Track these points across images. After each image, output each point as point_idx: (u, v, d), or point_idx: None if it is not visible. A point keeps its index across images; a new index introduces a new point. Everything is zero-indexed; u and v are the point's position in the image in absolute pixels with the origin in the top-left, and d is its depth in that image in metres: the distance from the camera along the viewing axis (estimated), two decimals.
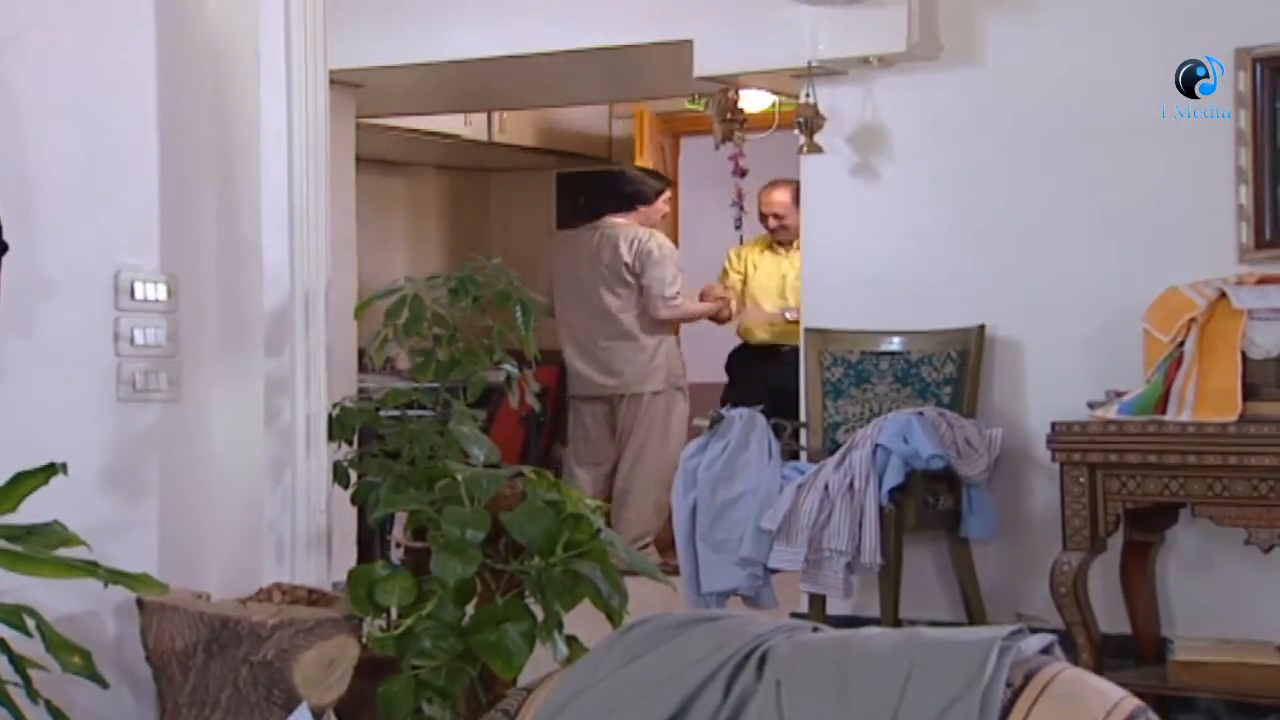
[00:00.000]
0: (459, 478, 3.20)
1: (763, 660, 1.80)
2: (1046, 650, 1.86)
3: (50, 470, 2.91)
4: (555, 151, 9.60)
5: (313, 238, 3.59)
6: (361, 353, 6.31)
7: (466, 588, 3.23)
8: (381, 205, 9.19)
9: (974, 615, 5.80)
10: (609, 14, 6.52)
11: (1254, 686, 4.92)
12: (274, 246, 3.56)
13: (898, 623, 5.64)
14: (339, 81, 7.40)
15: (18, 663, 2.92)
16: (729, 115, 6.60)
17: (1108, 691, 1.78)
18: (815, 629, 1.94)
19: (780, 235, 7.89)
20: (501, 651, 3.12)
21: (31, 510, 3.04)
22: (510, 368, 3.60)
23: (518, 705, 1.98)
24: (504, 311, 3.59)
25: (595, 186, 8.48)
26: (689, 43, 6.32)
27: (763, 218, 7.93)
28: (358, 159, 8.08)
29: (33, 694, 2.95)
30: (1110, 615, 5.42)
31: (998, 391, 5.87)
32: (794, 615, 5.93)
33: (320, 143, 3.60)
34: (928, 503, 5.59)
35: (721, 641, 1.82)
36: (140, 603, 3.27)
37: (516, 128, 9.15)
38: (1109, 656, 5.18)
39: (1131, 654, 5.36)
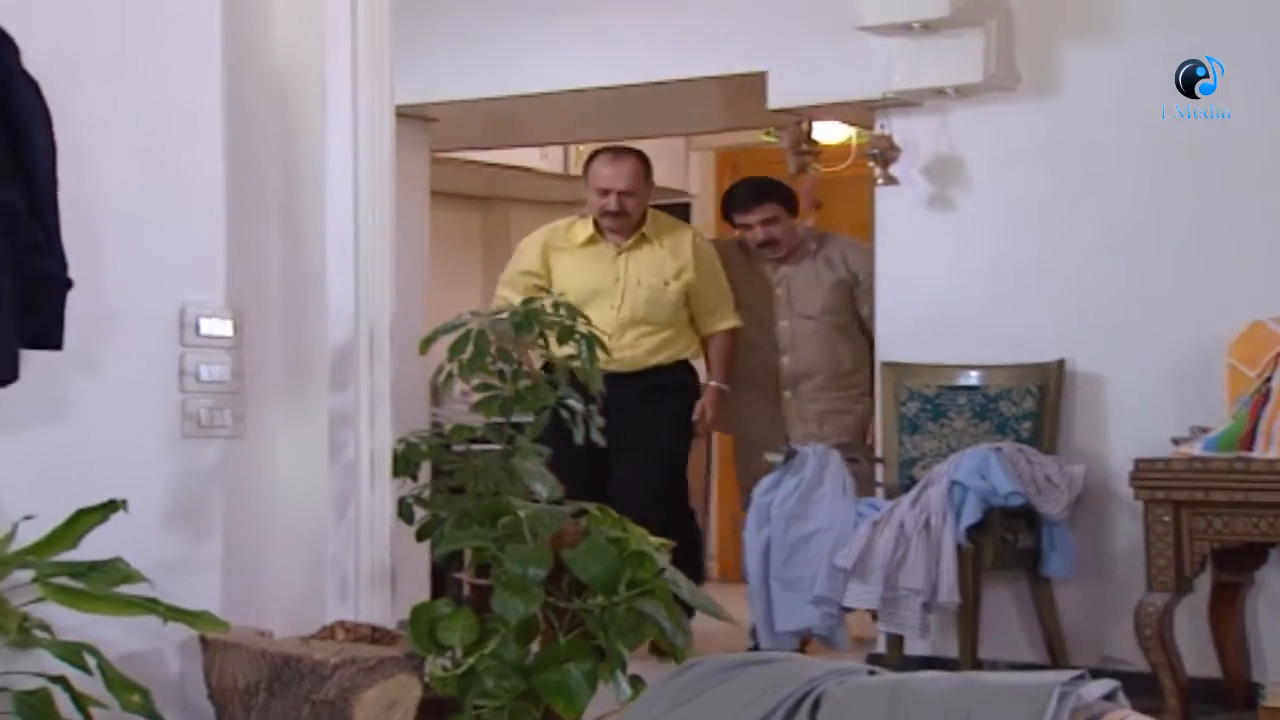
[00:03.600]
0: (521, 514, 3.20)
1: (816, 704, 1.79)
2: (1110, 696, 1.83)
3: (110, 507, 2.94)
4: None
5: (378, 272, 3.61)
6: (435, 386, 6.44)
7: (529, 626, 3.23)
8: (457, 239, 9.24)
9: (1056, 657, 5.74)
10: (683, 47, 6.53)
11: None
12: (339, 281, 3.58)
13: (977, 664, 5.59)
14: (412, 115, 7.48)
15: (79, 701, 2.95)
16: (802, 147, 6.61)
17: None
18: (871, 672, 1.93)
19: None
20: (564, 692, 3.12)
21: (96, 547, 3.09)
22: (574, 403, 3.60)
23: None
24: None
25: None
26: (763, 74, 6.33)
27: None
28: (433, 193, 8.15)
29: None
30: (1198, 658, 5.34)
31: (1079, 427, 5.82)
32: (871, 656, 5.91)
33: (385, 177, 3.63)
34: (1006, 541, 5.54)
35: (775, 684, 1.81)
36: (203, 640, 3.29)
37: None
38: (1196, 701, 5.12)
39: (1220, 699, 5.29)
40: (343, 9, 3.60)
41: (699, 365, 6.60)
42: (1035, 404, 5.78)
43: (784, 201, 6.54)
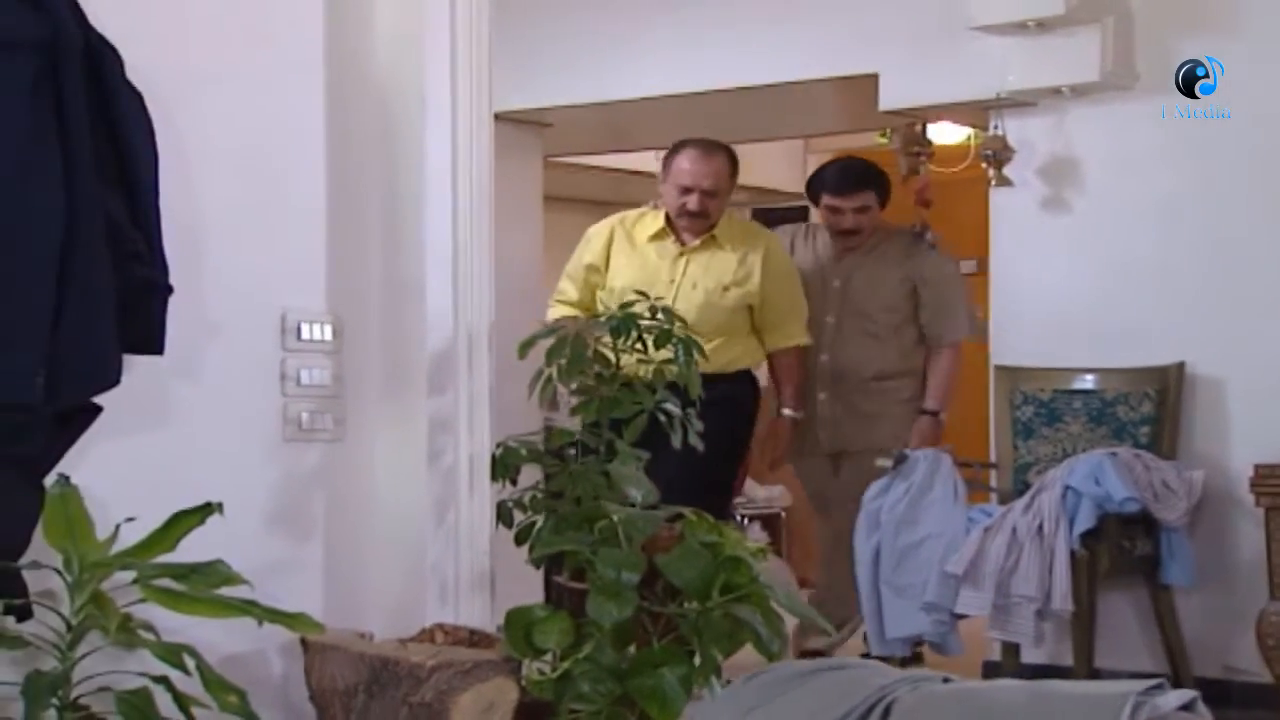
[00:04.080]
0: (615, 519, 3.24)
1: (887, 711, 1.80)
2: (1188, 706, 1.82)
3: (207, 510, 3.00)
4: (749, 188, 9.62)
5: (476, 279, 3.65)
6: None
7: (624, 630, 3.26)
8: (573, 243, 9.30)
9: (1177, 666, 5.69)
10: (794, 49, 6.54)
11: None
12: (437, 288, 3.63)
13: (1093, 673, 5.55)
14: (526, 121, 7.57)
15: (180, 701, 3.01)
16: (914, 149, 6.60)
17: None
18: (945, 679, 1.94)
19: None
20: (658, 697, 3.15)
21: (200, 550, 3.14)
22: (672, 407, 3.63)
23: None
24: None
25: None
26: (874, 76, 6.33)
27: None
28: (549, 197, 8.21)
29: None
30: None
31: (1199, 432, 5.76)
32: (987, 663, 5.88)
33: (484, 186, 3.67)
34: (1123, 548, 5.50)
35: (848, 691, 1.83)
36: (304, 642, 3.35)
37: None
38: None
39: None
40: (442, 21, 3.65)
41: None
42: (1154, 408, 5.73)
43: (880, 191, 6.21)
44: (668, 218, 5.76)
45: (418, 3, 3.66)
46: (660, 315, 3.63)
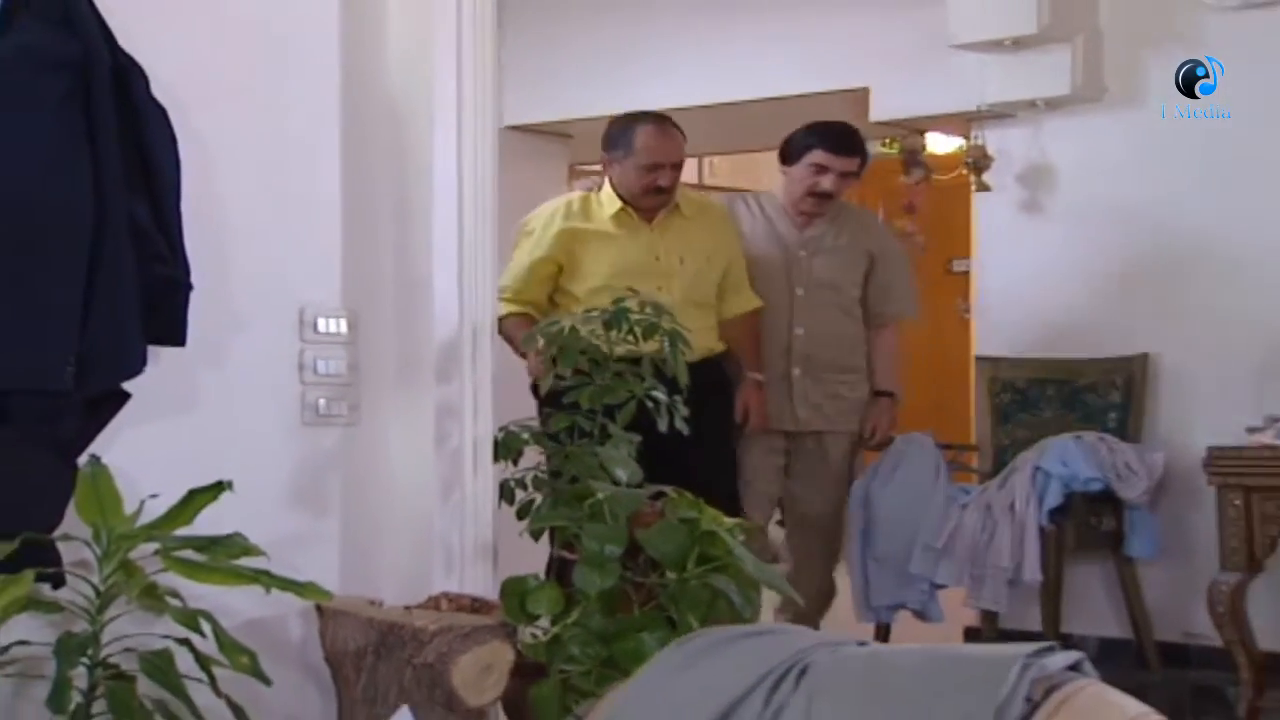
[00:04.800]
0: (601, 496, 3.23)
1: (803, 673, 1.78)
2: (1075, 667, 1.80)
3: (219, 487, 3.00)
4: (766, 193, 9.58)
5: (480, 276, 3.63)
6: None
7: (610, 598, 3.25)
8: None
9: (1140, 631, 5.68)
10: (793, 65, 6.54)
11: None
12: (444, 284, 3.61)
13: (1061, 638, 5.52)
14: (549, 133, 7.57)
15: (201, 661, 3.01)
16: (920, 158, 6.60)
17: (1127, 707, 1.72)
18: (861, 644, 1.92)
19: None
20: (639, 658, 3.11)
21: (226, 525, 3.11)
22: (659, 394, 3.62)
23: (588, 710, 1.99)
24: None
25: None
26: (866, 90, 6.31)
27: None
28: None
29: (216, 690, 3.04)
30: (1275, 635, 5.24)
31: (1162, 418, 5.73)
32: (968, 629, 5.87)
33: (488, 189, 3.65)
34: (1089, 524, 5.49)
35: (770, 654, 1.81)
36: (318, 608, 3.35)
37: (728, 170, 9.15)
38: (1277, 674, 5.01)
39: None
40: (449, 41, 3.62)
41: None
42: (1121, 396, 5.71)
43: (865, 162, 5.51)
44: (622, 197, 5.05)
45: (427, 23, 3.63)
46: (649, 309, 3.60)
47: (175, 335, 3.11)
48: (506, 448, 3.67)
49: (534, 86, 7.26)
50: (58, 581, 3.00)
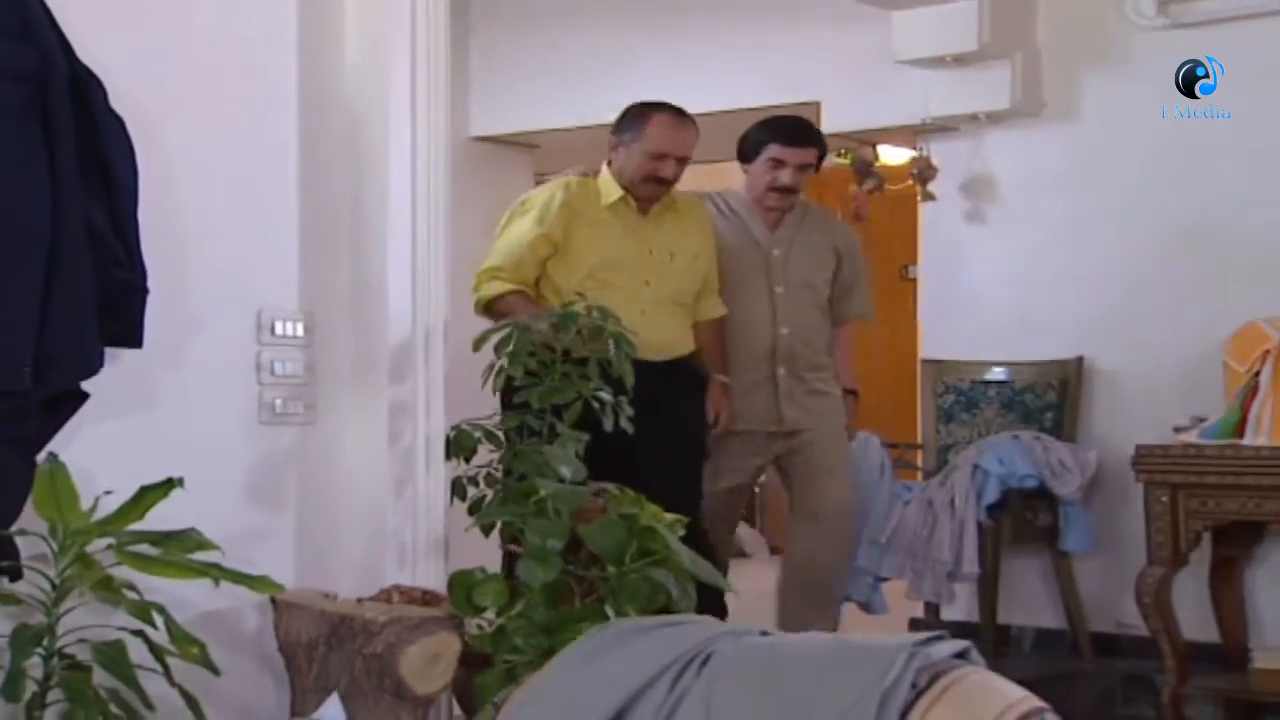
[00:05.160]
0: (544, 493, 3.20)
1: (705, 661, 1.77)
2: (962, 655, 1.78)
3: (170, 484, 2.97)
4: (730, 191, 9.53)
5: (433, 280, 3.61)
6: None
7: (554, 591, 3.23)
8: None
9: (1074, 621, 5.67)
10: (749, 79, 6.52)
11: None
12: (398, 288, 3.58)
13: (996, 627, 5.54)
14: (516, 143, 7.54)
15: (155, 650, 2.98)
16: (874, 169, 6.59)
17: (1007, 693, 1.70)
18: (764, 633, 1.90)
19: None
20: None
21: (184, 521, 3.08)
22: (605, 394, 3.59)
23: (504, 699, 1.97)
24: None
25: None
26: (818, 103, 6.30)
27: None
28: None
29: (170, 679, 3.00)
30: (1202, 626, 5.24)
31: (1095, 418, 5.74)
32: (912, 620, 5.85)
33: (440, 196, 3.63)
34: (1026, 519, 5.49)
35: (675, 643, 1.79)
36: (273, 601, 3.32)
37: (690, 179, 9.10)
38: (1199, 663, 5.01)
39: (1219, 661, 5.18)
40: (403, 54, 3.60)
41: None
42: (1057, 396, 5.70)
43: (822, 154, 5.14)
44: (623, 187, 4.65)
45: (383, 35, 3.61)
46: (596, 314, 3.58)
47: (132, 338, 3.08)
48: (458, 446, 3.64)
49: (500, 99, 7.24)
50: (15, 575, 2.96)
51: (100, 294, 2.98)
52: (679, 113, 4.75)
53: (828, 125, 6.28)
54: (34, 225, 2.90)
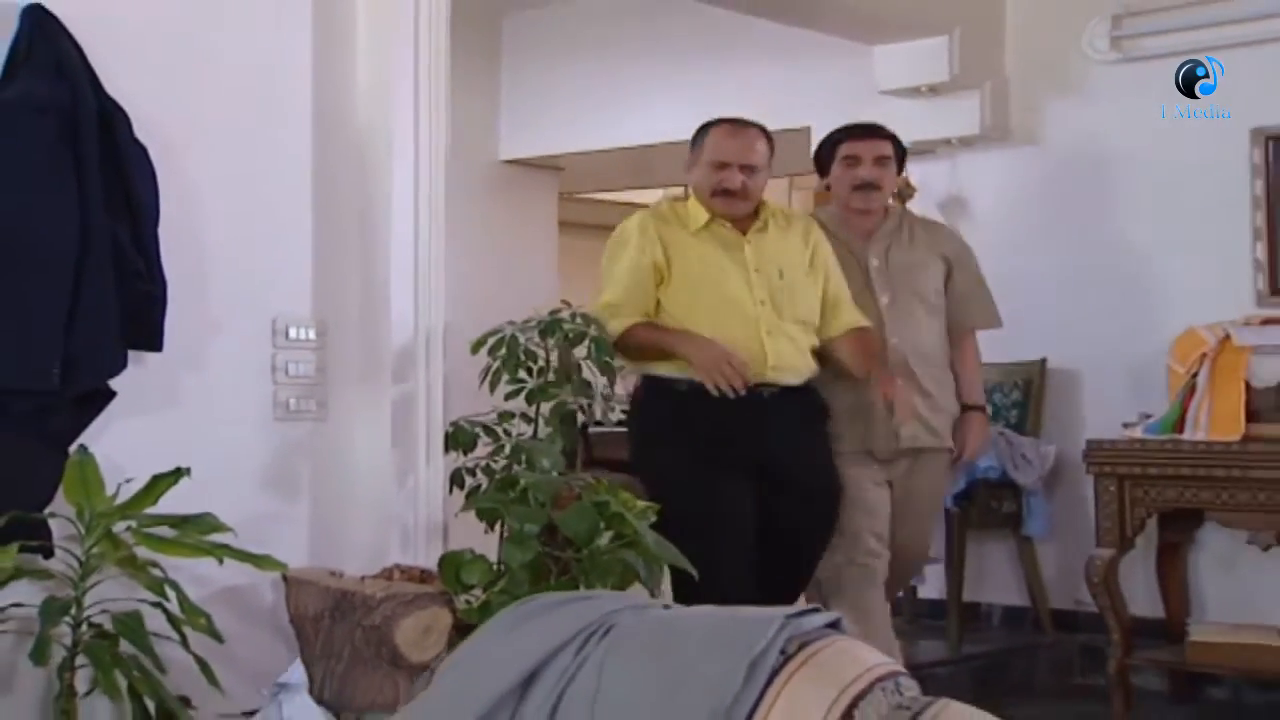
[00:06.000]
0: (523, 482, 3.20)
1: (607, 632, 1.76)
2: (834, 625, 1.76)
3: (178, 473, 2.98)
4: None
5: (433, 288, 3.61)
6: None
7: (535, 570, 3.22)
8: (593, 261, 9.24)
9: (1036, 599, 5.63)
10: (748, 106, 6.39)
11: (1259, 665, 4.67)
12: (401, 296, 3.59)
13: (965, 605, 5.50)
14: (543, 166, 7.55)
15: (173, 620, 3.00)
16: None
17: (866, 659, 1.68)
18: (666, 606, 1.89)
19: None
20: None
21: (206, 507, 3.10)
22: (583, 399, 3.58)
23: (438, 661, 1.97)
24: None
25: None
26: (808, 128, 6.27)
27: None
28: (576, 224, 8.18)
29: (186, 646, 3.02)
30: (1150, 603, 5.20)
31: (1056, 414, 5.68)
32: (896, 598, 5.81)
33: (439, 212, 3.62)
34: (991, 507, 5.44)
35: (582, 616, 1.78)
36: (284, 578, 3.33)
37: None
38: (1145, 636, 4.97)
39: (1164, 635, 5.13)
40: (407, 84, 3.61)
41: None
42: (1021, 395, 5.65)
43: (897, 148, 4.49)
44: (708, 208, 4.05)
45: (388, 67, 3.61)
46: (579, 319, 3.57)
47: (153, 342, 3.10)
48: (456, 440, 3.63)
49: (527, 125, 7.25)
50: (47, 553, 2.99)
51: (123, 304, 3.01)
52: (736, 121, 4.16)
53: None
54: (63, 242, 2.93)
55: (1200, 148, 5.24)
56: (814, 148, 6.16)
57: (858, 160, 4.40)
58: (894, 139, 4.48)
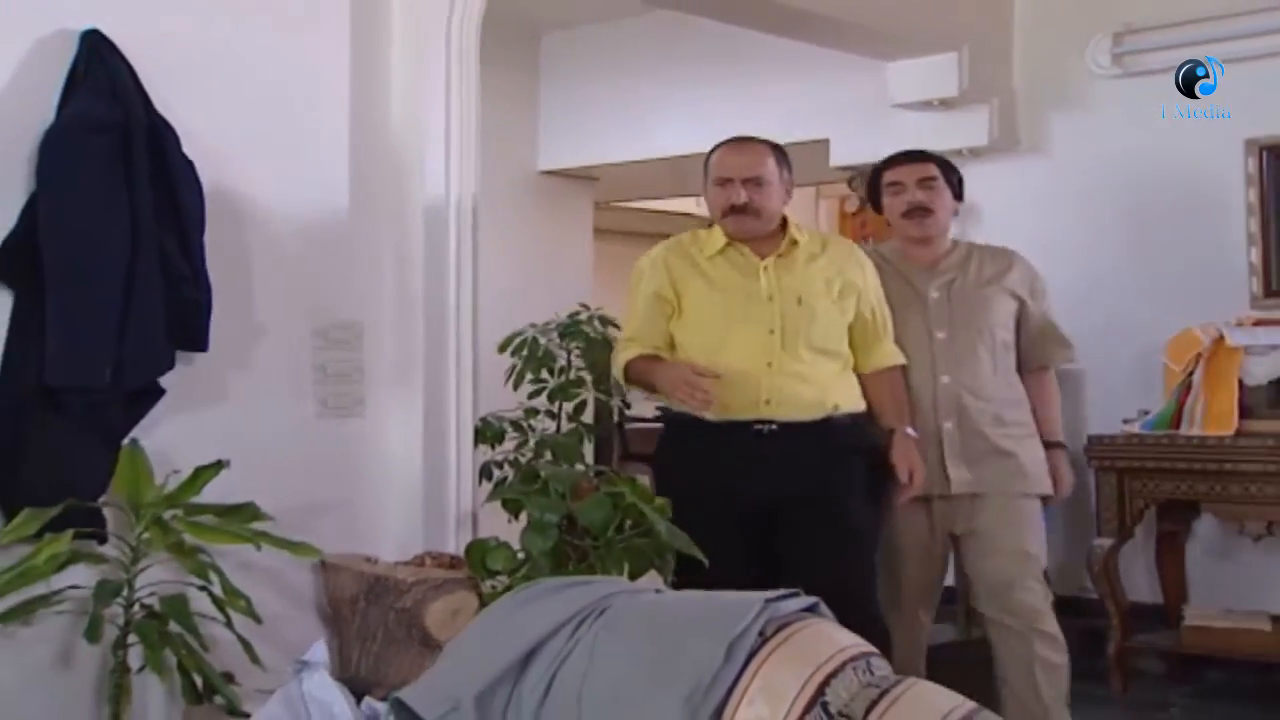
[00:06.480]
0: (543, 474, 3.23)
1: (601, 613, 1.79)
2: (811, 609, 1.78)
3: (218, 465, 3.03)
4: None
5: (463, 293, 3.65)
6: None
7: (556, 557, 3.25)
8: (626, 266, 9.25)
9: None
10: (770, 119, 6.44)
11: (1249, 649, 4.65)
12: (433, 299, 3.62)
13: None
14: (579, 176, 7.58)
15: (217, 602, 3.04)
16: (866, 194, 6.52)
17: (839, 639, 1.70)
18: (658, 590, 1.92)
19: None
20: None
21: (255, 497, 3.16)
22: (600, 395, 3.61)
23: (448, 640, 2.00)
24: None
25: None
26: (827, 139, 6.29)
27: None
28: (610, 231, 8.20)
29: (230, 625, 3.07)
30: (1150, 590, 5.18)
31: (1065, 410, 5.62)
32: None
33: (468, 220, 3.66)
34: None
35: (580, 599, 1.82)
36: (322, 563, 3.37)
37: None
38: (1143, 620, 4.96)
39: (1162, 620, 5.11)
40: (439, 99, 3.66)
41: None
42: None
43: (945, 171, 4.12)
44: (727, 233, 3.69)
45: (422, 83, 3.65)
46: (597, 321, 3.60)
47: (198, 343, 3.14)
48: (485, 434, 3.67)
49: (564, 137, 7.28)
50: (102, 539, 3.04)
51: (170, 308, 3.05)
52: (738, 138, 3.82)
53: (835, 159, 6.27)
54: (115, 251, 2.98)
55: (1197, 158, 5.22)
56: (832, 159, 6.31)
57: (902, 186, 4.03)
58: (941, 162, 4.10)
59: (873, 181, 4.16)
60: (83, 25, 3.11)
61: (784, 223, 3.70)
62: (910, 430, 3.67)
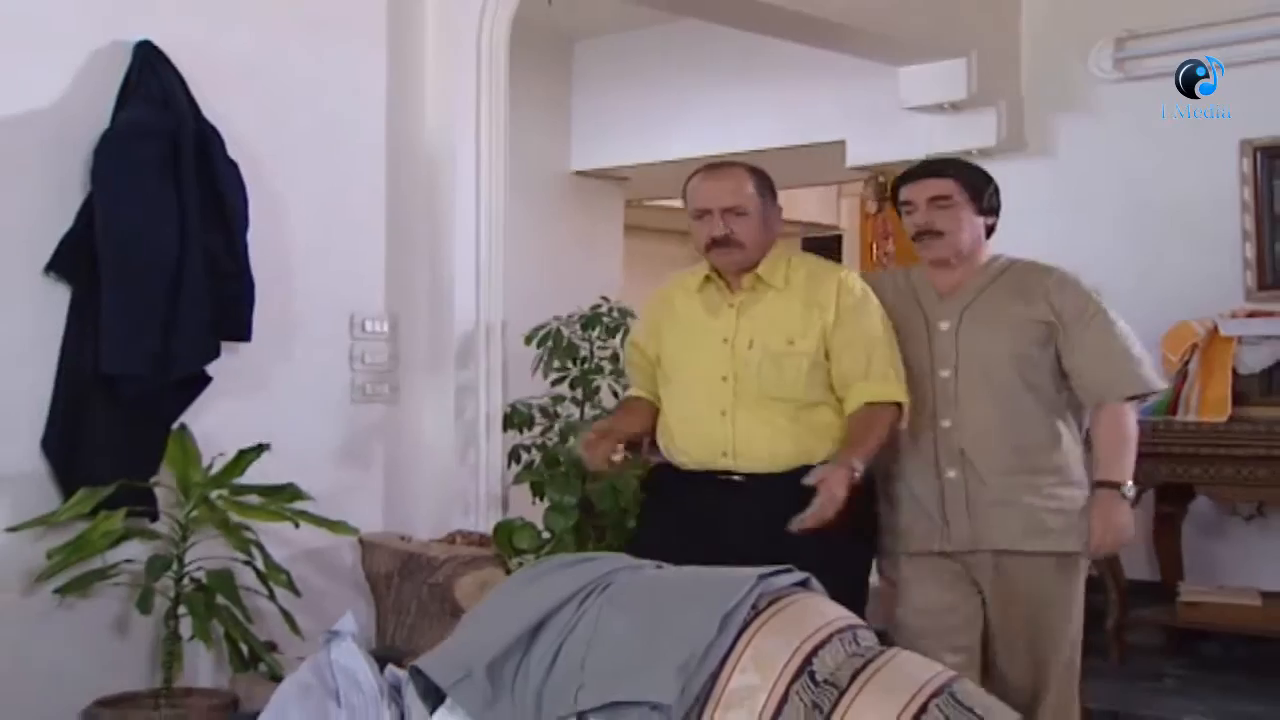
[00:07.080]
0: (562, 459, 3.25)
1: (606, 588, 1.81)
2: (803, 584, 1.79)
3: (260, 448, 3.08)
4: (796, 222, 9.50)
5: (493, 286, 3.67)
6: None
7: (580, 534, 3.27)
8: (658, 261, 9.26)
9: None
10: (789, 122, 6.49)
11: (1240, 623, 4.63)
12: (464, 292, 3.65)
13: None
14: (610, 176, 7.58)
15: (261, 576, 3.09)
16: (883, 194, 6.52)
17: (828, 612, 1.71)
18: (659, 566, 1.93)
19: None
20: None
21: (293, 478, 3.22)
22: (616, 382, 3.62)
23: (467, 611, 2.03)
24: None
25: None
26: (843, 141, 6.27)
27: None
28: (640, 228, 8.18)
29: (273, 598, 3.11)
30: (1149, 568, 5.15)
31: None
32: None
33: (498, 221, 3.69)
34: None
35: (587, 573, 1.83)
36: (360, 541, 3.41)
37: None
38: (1141, 596, 4.93)
39: (1159, 597, 5.08)
40: (469, 105, 3.68)
41: None
42: None
43: (968, 185, 3.19)
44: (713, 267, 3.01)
45: (454, 91, 3.68)
46: (615, 313, 3.61)
47: (242, 333, 3.19)
48: (514, 419, 3.69)
49: (596, 139, 7.28)
50: (153, 517, 3.09)
51: (216, 301, 3.10)
52: (713, 165, 3.09)
53: (851, 160, 6.25)
54: (165, 250, 3.02)
55: (1196, 158, 5.17)
56: (849, 159, 6.30)
57: (913, 206, 3.17)
58: (965, 173, 3.26)
59: (894, 195, 3.31)
60: (136, 37, 3.16)
61: (762, 253, 2.99)
62: (856, 463, 2.76)
